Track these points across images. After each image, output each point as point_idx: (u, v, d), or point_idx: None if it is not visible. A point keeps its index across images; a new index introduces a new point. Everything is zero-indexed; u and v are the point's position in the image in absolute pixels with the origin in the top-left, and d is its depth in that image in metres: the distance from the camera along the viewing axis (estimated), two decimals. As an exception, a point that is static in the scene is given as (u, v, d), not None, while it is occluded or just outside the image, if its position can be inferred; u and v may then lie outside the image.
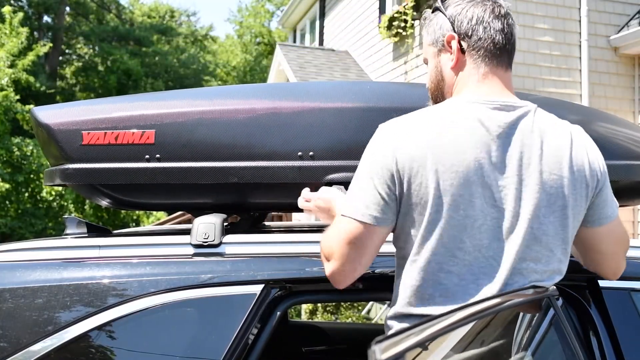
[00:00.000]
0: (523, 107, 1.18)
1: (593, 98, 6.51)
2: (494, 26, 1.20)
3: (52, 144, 1.52)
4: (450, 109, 1.17)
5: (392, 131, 1.15)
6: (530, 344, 1.17)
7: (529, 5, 6.47)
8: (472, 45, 1.21)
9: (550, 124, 1.19)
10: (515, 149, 1.13)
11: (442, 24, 1.25)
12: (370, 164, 1.14)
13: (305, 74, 9.37)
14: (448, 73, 1.25)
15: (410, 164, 1.10)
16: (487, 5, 1.22)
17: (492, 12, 1.21)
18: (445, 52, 1.25)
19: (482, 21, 1.20)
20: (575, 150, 1.18)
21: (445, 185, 1.09)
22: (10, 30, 12.58)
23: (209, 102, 1.54)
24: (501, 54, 1.22)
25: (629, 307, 1.43)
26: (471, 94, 1.20)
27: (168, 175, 1.49)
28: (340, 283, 1.20)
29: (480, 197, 1.11)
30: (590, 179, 1.18)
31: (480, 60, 1.21)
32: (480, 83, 1.21)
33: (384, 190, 1.12)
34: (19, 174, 11.95)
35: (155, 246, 1.43)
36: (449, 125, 1.13)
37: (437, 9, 1.27)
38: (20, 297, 1.32)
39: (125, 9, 27.12)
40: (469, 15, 1.21)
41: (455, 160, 1.10)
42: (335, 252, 1.16)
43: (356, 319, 4.73)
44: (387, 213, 1.13)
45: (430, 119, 1.16)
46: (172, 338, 1.32)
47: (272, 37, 26.59)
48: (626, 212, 6.55)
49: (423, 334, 0.86)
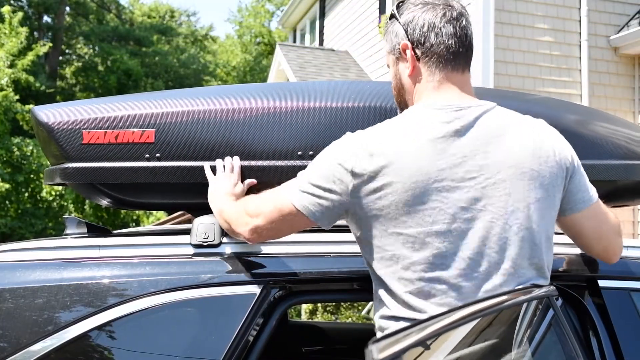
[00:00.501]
0: (481, 107, 1.19)
1: (593, 98, 6.51)
2: (445, 31, 1.21)
3: (52, 143, 1.52)
4: (410, 119, 1.19)
5: (354, 144, 1.17)
6: (530, 344, 1.17)
7: (529, 5, 6.46)
8: (425, 53, 1.22)
9: (512, 120, 1.21)
10: (479, 148, 1.14)
11: (397, 32, 1.27)
12: (327, 167, 1.17)
13: (305, 74, 9.37)
14: (407, 81, 1.27)
15: (369, 179, 1.12)
16: (438, 11, 1.22)
17: (444, 16, 1.21)
18: (402, 61, 1.27)
19: (433, 27, 1.21)
20: (538, 143, 1.18)
21: (407, 195, 1.10)
22: (10, 30, 12.57)
23: (208, 102, 1.54)
24: (455, 57, 1.23)
25: (629, 307, 1.43)
26: (430, 101, 1.21)
27: (168, 175, 1.49)
28: (254, 239, 1.27)
29: (444, 201, 1.11)
30: (558, 169, 1.19)
31: (434, 67, 1.22)
32: (436, 90, 1.22)
33: (332, 196, 1.16)
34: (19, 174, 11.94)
35: (155, 246, 1.43)
36: (409, 135, 1.14)
37: (393, 15, 1.29)
38: (20, 297, 1.32)
39: (125, 9, 27.11)
40: (420, 22, 1.22)
41: (414, 170, 1.11)
42: (264, 214, 1.23)
43: (356, 319, 4.73)
44: (324, 214, 1.18)
45: (393, 131, 1.17)
46: (172, 338, 1.32)
47: (272, 37, 26.59)
48: (626, 212, 6.55)
49: (420, 334, 0.86)
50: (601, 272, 1.46)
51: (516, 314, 1.14)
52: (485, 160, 1.14)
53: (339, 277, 1.42)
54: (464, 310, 0.96)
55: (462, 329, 0.98)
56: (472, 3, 6.42)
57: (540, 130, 1.22)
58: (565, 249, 1.51)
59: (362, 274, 1.43)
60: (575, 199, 1.24)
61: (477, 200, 1.12)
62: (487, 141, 1.15)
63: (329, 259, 1.41)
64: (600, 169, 1.57)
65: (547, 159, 1.18)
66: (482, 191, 1.13)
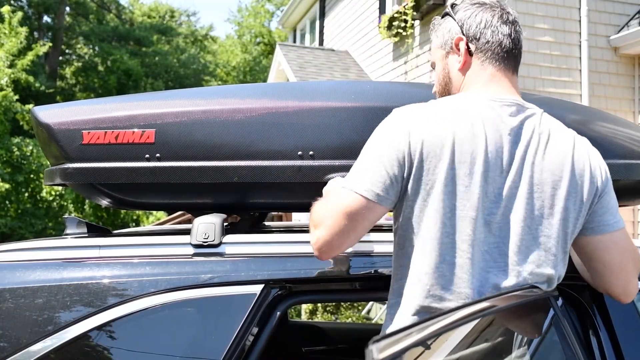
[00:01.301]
0: (531, 109, 1.21)
1: (593, 98, 6.51)
2: (501, 30, 1.24)
3: (52, 144, 1.52)
4: (463, 101, 1.19)
5: (407, 115, 1.17)
6: (530, 344, 1.17)
7: (529, 5, 6.47)
8: (479, 48, 1.24)
9: (555, 128, 1.21)
10: (521, 148, 1.15)
11: (451, 28, 1.28)
12: (381, 145, 1.15)
13: (305, 74, 9.38)
14: (455, 74, 1.28)
15: (422, 149, 1.11)
16: (496, 11, 1.25)
17: (501, 17, 1.25)
18: (453, 54, 1.28)
19: (490, 25, 1.24)
20: (577, 156, 1.19)
21: (454, 173, 1.11)
22: (10, 30, 12.58)
23: (209, 102, 1.53)
24: (508, 57, 1.25)
25: (629, 307, 1.43)
26: (481, 92, 1.22)
27: (168, 175, 1.49)
28: (325, 253, 1.19)
29: (482, 190, 1.12)
30: (590, 185, 1.18)
31: (487, 62, 1.24)
32: (488, 82, 1.24)
33: (392, 171, 1.12)
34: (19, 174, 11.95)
35: (155, 246, 1.43)
36: (463, 115, 1.15)
37: (447, 13, 1.31)
38: (20, 297, 1.32)
39: (125, 9, 27.12)
40: (478, 19, 1.24)
41: (467, 150, 1.11)
42: (328, 221, 1.15)
43: (356, 319, 4.74)
44: (389, 193, 1.13)
45: (445, 108, 1.18)
46: (172, 338, 1.32)
47: (272, 37, 26.59)
48: (626, 212, 6.55)
49: (420, 334, 0.86)
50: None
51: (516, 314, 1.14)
52: (526, 161, 1.15)
53: (339, 277, 1.42)
54: (464, 310, 0.96)
55: (462, 329, 0.98)
56: (472, 3, 6.41)
57: (581, 145, 1.22)
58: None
59: (362, 274, 1.43)
60: (600, 219, 1.21)
61: (508, 198, 1.13)
62: (531, 143, 1.16)
63: (329, 259, 1.41)
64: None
65: (582, 173, 1.18)
66: (513, 190, 1.13)
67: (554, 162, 1.16)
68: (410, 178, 1.12)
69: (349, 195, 1.14)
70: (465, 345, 1.01)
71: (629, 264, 1.24)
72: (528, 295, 1.12)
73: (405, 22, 7.58)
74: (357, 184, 1.14)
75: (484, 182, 1.12)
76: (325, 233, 1.15)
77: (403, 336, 0.82)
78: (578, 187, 1.17)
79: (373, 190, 1.12)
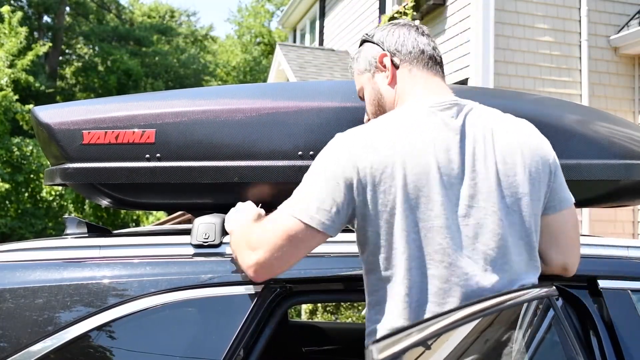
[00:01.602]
0: (468, 104, 1.22)
1: (593, 98, 6.51)
2: (420, 40, 1.29)
3: (52, 144, 1.52)
4: (403, 115, 1.19)
5: (352, 141, 1.15)
6: (530, 344, 1.17)
7: (529, 5, 6.47)
8: (403, 59, 1.28)
9: (497, 117, 1.23)
10: (470, 145, 1.16)
11: (371, 50, 1.33)
12: (328, 172, 1.13)
13: (305, 74, 9.37)
14: (386, 90, 1.30)
15: (373, 173, 1.10)
16: (411, 27, 1.31)
17: (416, 31, 1.31)
18: (379, 72, 1.31)
19: (408, 37, 1.29)
20: (524, 139, 1.20)
21: (410, 188, 1.10)
22: (10, 30, 12.57)
23: (209, 102, 1.54)
24: (433, 63, 1.29)
25: (629, 307, 1.43)
26: (419, 99, 1.23)
27: (168, 175, 1.49)
28: (262, 275, 1.19)
29: (444, 197, 1.11)
30: (544, 164, 1.20)
31: (415, 69, 1.27)
32: (422, 89, 1.25)
33: (339, 199, 1.12)
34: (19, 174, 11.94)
35: (155, 246, 1.43)
36: (407, 129, 1.15)
37: (364, 40, 1.36)
38: (20, 297, 1.32)
39: (125, 9, 27.11)
40: (396, 35, 1.30)
41: (416, 164, 1.11)
42: (267, 244, 1.15)
43: (356, 319, 4.73)
44: (335, 222, 1.13)
45: (387, 126, 1.17)
46: (172, 338, 1.32)
47: (272, 37, 26.59)
48: (626, 212, 6.55)
49: (420, 334, 0.86)
50: (601, 272, 1.46)
51: (516, 314, 1.14)
52: (479, 156, 1.15)
53: (339, 277, 1.42)
54: (464, 310, 0.96)
55: (462, 329, 0.98)
56: (472, 3, 6.42)
57: (525, 127, 1.24)
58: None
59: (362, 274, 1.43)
60: (559, 197, 1.24)
61: (472, 197, 1.13)
62: (478, 138, 1.16)
63: (329, 259, 1.41)
64: (602, 169, 1.57)
65: (534, 155, 1.19)
66: (475, 188, 1.13)
67: (506, 150, 1.17)
68: (367, 204, 1.11)
69: (293, 221, 1.13)
70: (465, 345, 1.01)
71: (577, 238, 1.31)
72: (528, 295, 1.12)
73: (405, 22, 7.58)
74: (302, 210, 1.13)
75: (443, 188, 1.11)
76: (265, 257, 1.15)
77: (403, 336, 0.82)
78: (534, 169, 1.18)
79: (318, 219, 1.12)
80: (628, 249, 1.52)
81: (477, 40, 6.28)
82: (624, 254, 1.51)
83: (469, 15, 6.47)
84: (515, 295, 1.09)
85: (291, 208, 1.15)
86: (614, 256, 1.51)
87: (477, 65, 6.21)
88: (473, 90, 2.24)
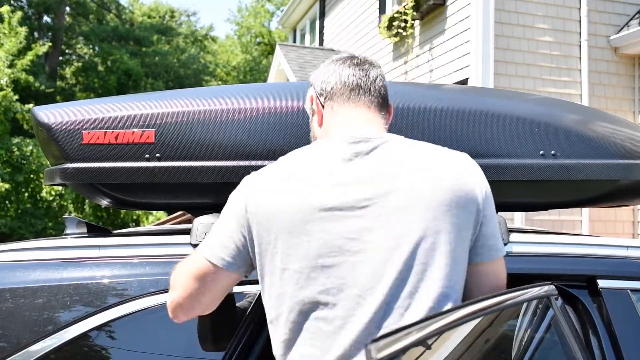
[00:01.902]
0: (382, 138, 1.15)
1: (593, 98, 6.51)
2: (345, 73, 1.25)
3: (52, 144, 1.52)
4: (311, 150, 1.17)
5: (250, 183, 1.17)
6: (530, 343, 1.17)
7: (528, 5, 6.47)
8: (327, 97, 1.26)
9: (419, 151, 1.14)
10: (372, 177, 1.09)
11: (309, 93, 1.33)
12: (229, 213, 1.17)
13: (305, 74, 9.38)
14: (317, 131, 1.29)
15: (258, 214, 1.10)
16: (342, 61, 1.27)
17: (344, 63, 1.27)
18: (313, 115, 1.31)
19: (334, 73, 1.26)
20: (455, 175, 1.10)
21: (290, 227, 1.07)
22: (9, 30, 12.57)
23: (208, 102, 1.54)
24: (358, 93, 1.24)
25: (629, 307, 1.43)
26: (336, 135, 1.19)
27: (168, 175, 1.49)
28: (178, 316, 1.19)
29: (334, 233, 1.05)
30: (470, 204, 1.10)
31: (336, 105, 1.24)
32: (341, 124, 1.22)
33: (237, 237, 1.13)
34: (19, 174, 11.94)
35: (155, 246, 1.43)
36: (298, 167, 1.13)
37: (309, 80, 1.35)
38: (20, 297, 1.32)
39: (125, 9, 27.11)
40: (325, 73, 1.28)
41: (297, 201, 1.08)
42: (180, 284, 1.17)
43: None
44: (236, 259, 1.14)
45: (286, 166, 1.15)
46: (172, 338, 1.32)
47: (272, 37, 26.60)
48: (626, 212, 6.55)
49: (419, 333, 0.86)
50: (601, 272, 1.46)
51: (516, 314, 1.14)
52: (380, 189, 1.07)
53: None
54: (463, 310, 0.96)
55: (461, 328, 0.98)
56: (472, 3, 6.42)
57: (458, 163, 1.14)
58: (565, 248, 1.51)
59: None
60: (488, 244, 1.13)
61: (368, 230, 1.05)
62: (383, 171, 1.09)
63: None
64: (602, 169, 1.57)
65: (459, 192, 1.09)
66: (375, 220, 1.06)
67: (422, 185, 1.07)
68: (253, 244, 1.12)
69: (199, 260, 1.16)
70: (465, 345, 1.01)
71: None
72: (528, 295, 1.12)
73: (405, 22, 7.59)
74: (207, 249, 1.16)
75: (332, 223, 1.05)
76: (177, 296, 1.17)
77: (402, 335, 0.82)
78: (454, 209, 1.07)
79: (220, 256, 1.14)
80: (627, 249, 1.52)
81: (477, 40, 6.28)
82: (624, 254, 1.51)
83: (469, 15, 6.47)
84: (514, 295, 1.09)
85: (201, 246, 1.18)
86: (613, 256, 1.51)
87: (477, 65, 6.21)
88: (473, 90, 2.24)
